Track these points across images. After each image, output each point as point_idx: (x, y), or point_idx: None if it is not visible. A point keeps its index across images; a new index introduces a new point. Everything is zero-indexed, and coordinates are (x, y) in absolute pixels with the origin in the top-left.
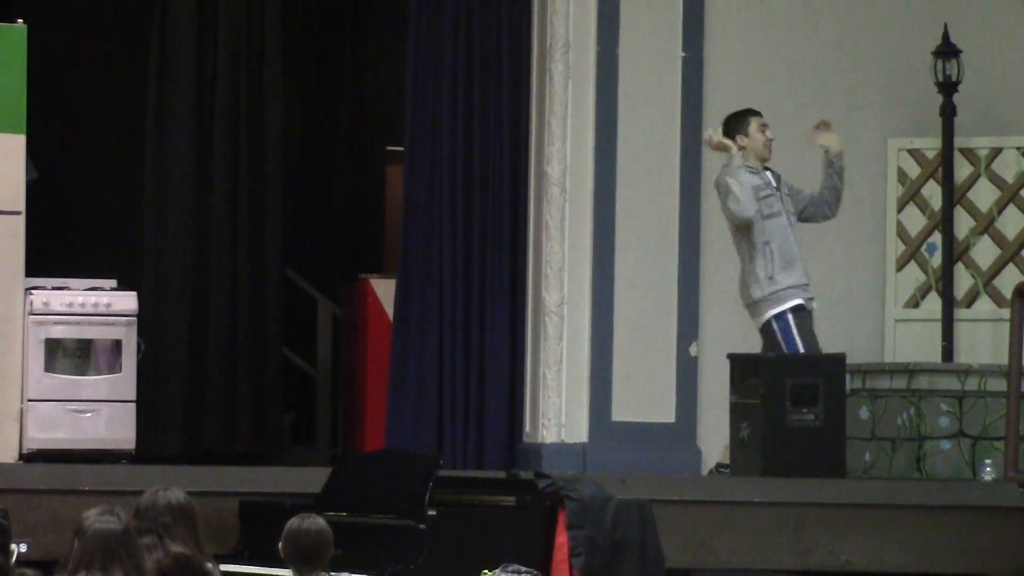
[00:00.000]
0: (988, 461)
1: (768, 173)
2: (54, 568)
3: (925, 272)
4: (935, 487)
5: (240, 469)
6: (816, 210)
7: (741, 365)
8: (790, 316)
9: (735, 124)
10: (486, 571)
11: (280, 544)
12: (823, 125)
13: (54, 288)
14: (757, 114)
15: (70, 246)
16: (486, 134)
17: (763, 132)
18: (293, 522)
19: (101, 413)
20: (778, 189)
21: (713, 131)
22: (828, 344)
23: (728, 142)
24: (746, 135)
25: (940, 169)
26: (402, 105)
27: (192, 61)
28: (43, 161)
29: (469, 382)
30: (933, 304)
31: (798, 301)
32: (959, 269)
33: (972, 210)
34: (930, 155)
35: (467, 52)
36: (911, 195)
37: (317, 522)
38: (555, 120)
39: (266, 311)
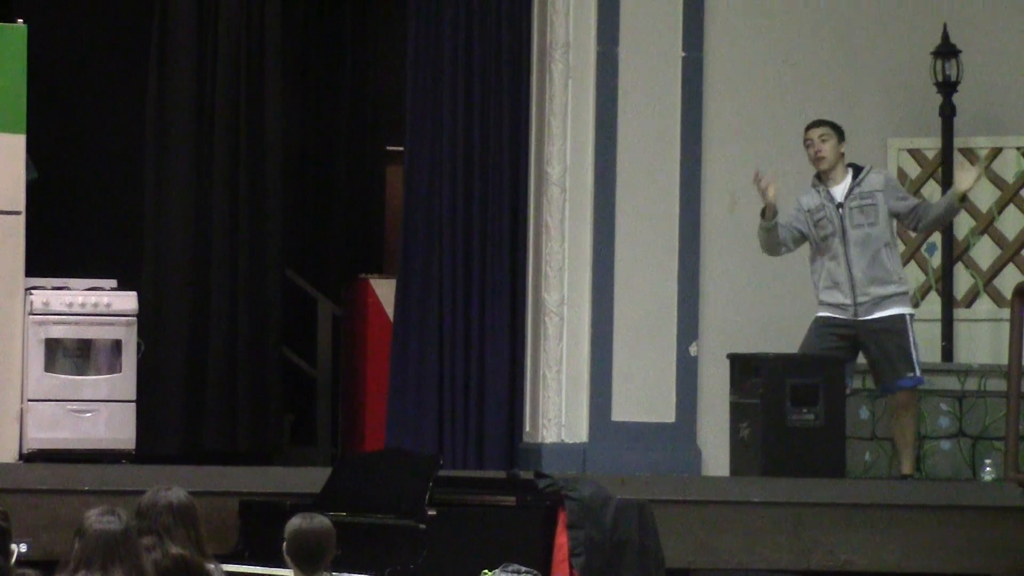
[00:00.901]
0: (988, 461)
1: (837, 188)
2: (55, 568)
3: (925, 272)
4: (935, 487)
5: (240, 469)
6: (905, 223)
7: (741, 365)
8: None
9: None
10: (486, 571)
11: (284, 544)
12: (969, 162)
13: (54, 288)
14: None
15: (70, 246)
16: (486, 134)
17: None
18: (296, 522)
19: (101, 413)
20: (841, 206)
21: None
22: None
23: (767, 196)
24: None
25: (940, 169)
26: (402, 105)
27: (192, 61)
28: (43, 161)
29: (469, 382)
30: (933, 304)
31: (824, 314)
32: (959, 269)
33: (972, 210)
34: (930, 155)
35: (467, 52)
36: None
37: (321, 521)
38: (555, 120)
39: (266, 311)
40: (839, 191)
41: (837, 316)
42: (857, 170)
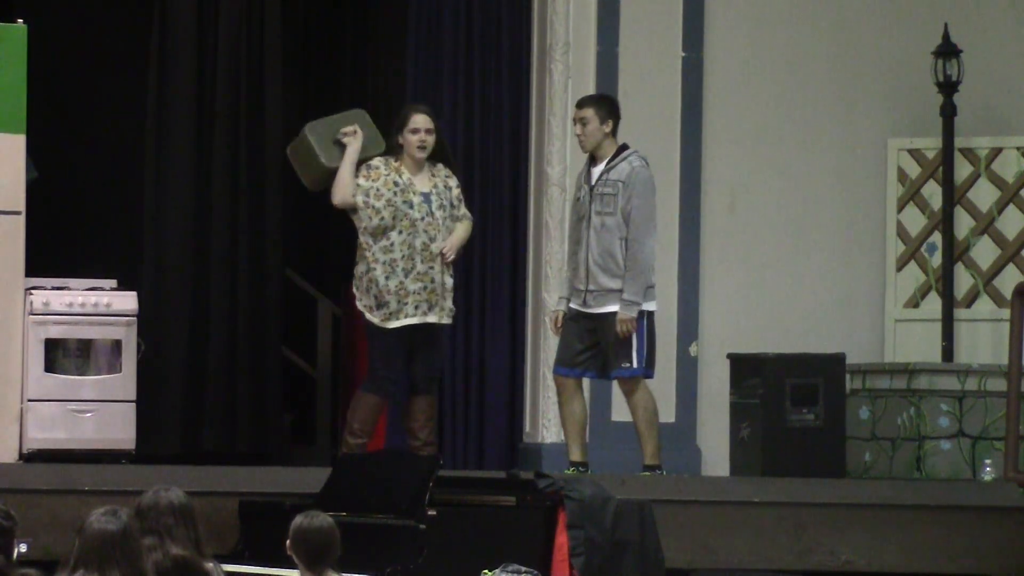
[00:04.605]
0: (988, 461)
1: (597, 169)
2: (55, 568)
3: (925, 272)
4: (935, 487)
5: (240, 469)
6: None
7: (741, 365)
8: None
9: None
10: (486, 571)
11: (288, 543)
12: None
13: (54, 288)
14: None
15: (70, 246)
16: (486, 134)
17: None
18: (300, 521)
19: (101, 413)
20: (593, 188)
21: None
22: (828, 344)
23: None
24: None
25: (940, 169)
26: (402, 105)
27: (192, 61)
28: (43, 161)
29: (469, 382)
30: (933, 304)
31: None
32: (959, 269)
33: (972, 210)
34: (930, 155)
35: (467, 52)
36: (911, 195)
37: (325, 520)
38: (555, 120)
39: (266, 311)
40: (596, 173)
41: (574, 306)
42: (619, 153)
